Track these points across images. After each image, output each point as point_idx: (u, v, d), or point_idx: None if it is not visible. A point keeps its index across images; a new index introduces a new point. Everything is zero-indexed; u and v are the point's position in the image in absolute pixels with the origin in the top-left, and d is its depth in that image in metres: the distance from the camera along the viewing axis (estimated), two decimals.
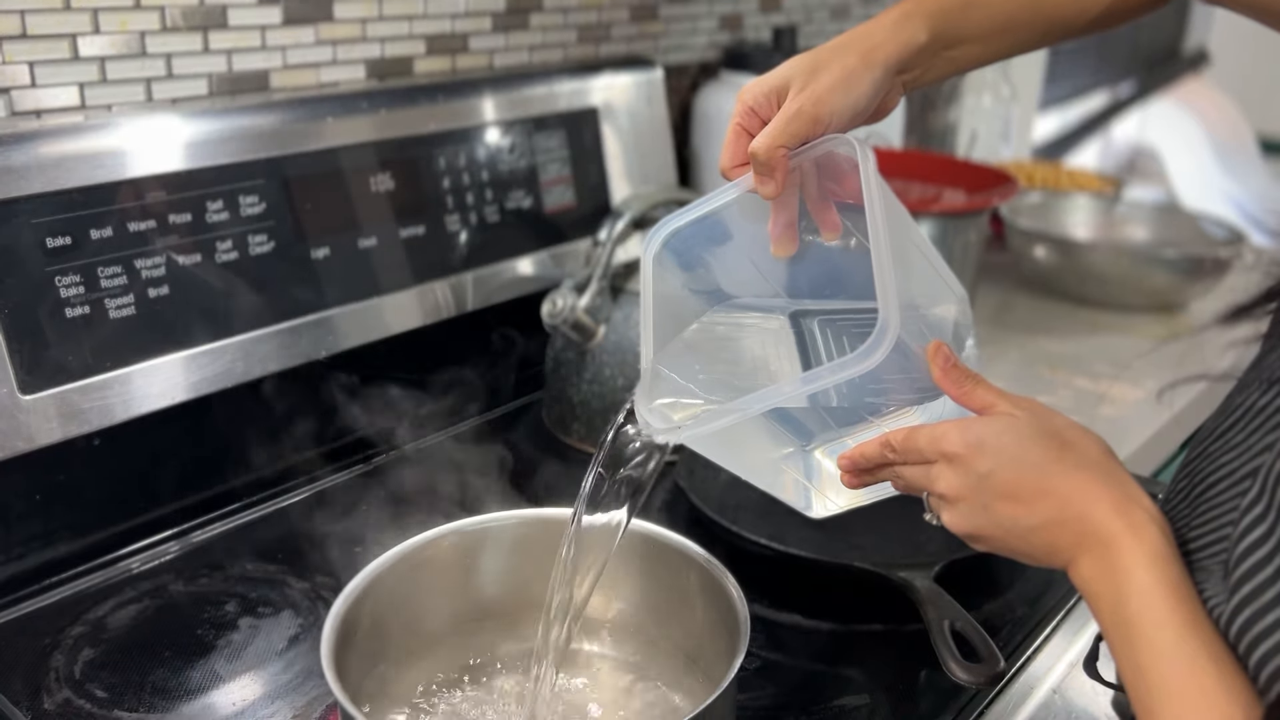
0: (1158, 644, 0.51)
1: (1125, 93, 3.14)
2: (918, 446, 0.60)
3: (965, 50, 0.73)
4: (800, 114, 0.67)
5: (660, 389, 0.69)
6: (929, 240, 0.74)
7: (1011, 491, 0.57)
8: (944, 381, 0.62)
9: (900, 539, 0.94)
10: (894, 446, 0.61)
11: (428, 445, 1.10)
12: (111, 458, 0.89)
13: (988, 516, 0.58)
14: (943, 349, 0.62)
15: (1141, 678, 0.51)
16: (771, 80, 0.69)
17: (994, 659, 0.71)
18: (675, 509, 0.98)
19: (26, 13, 0.84)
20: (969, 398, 0.62)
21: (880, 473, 0.64)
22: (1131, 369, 1.35)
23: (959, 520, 0.60)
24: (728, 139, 0.70)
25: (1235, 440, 0.57)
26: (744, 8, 1.51)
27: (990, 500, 0.58)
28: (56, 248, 0.82)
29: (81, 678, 0.76)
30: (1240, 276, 1.61)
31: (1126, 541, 0.54)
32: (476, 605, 0.76)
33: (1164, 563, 0.53)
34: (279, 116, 0.96)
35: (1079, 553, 0.56)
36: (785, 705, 0.75)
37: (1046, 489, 0.57)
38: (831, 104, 0.67)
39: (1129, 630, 0.52)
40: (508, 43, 1.21)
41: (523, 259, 1.15)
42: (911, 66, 0.71)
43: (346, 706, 0.58)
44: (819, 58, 0.69)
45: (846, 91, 0.68)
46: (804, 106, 0.67)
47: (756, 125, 0.69)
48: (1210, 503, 0.56)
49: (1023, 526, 0.57)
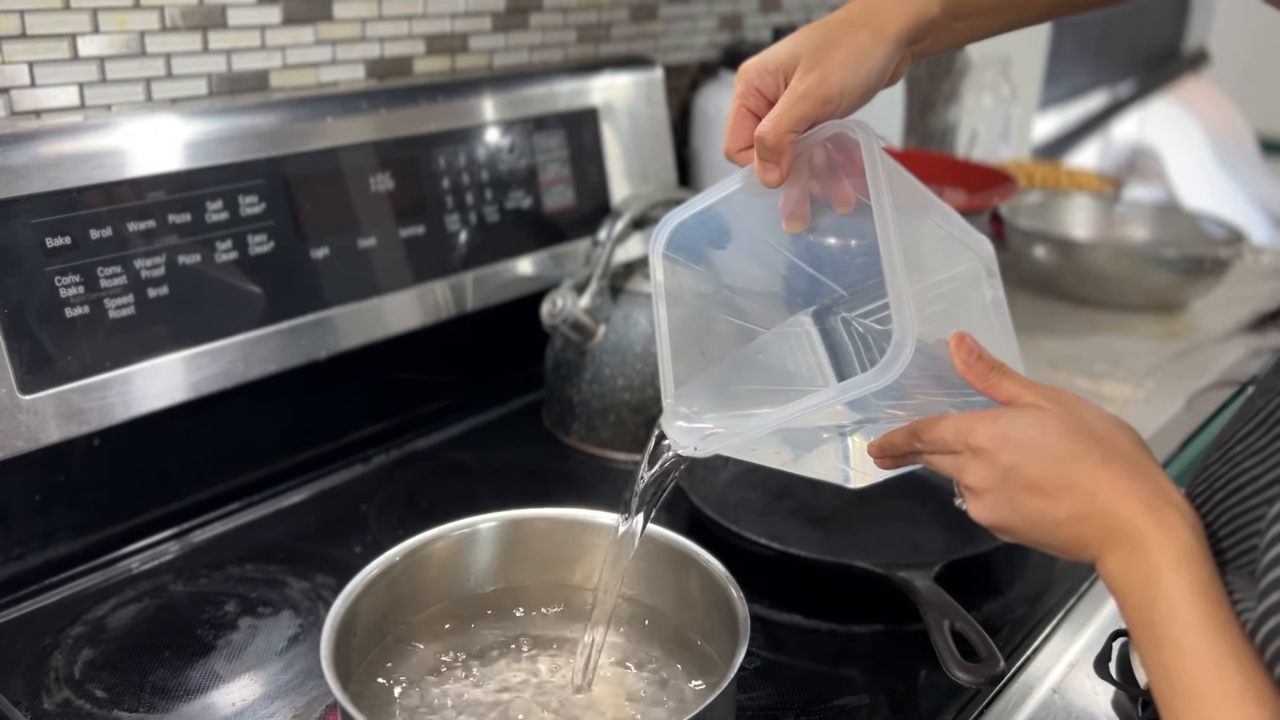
0: (1184, 645, 0.50)
1: (1125, 92, 3.14)
2: (943, 438, 0.59)
3: (977, 22, 0.71)
4: (809, 95, 0.63)
5: (690, 401, 0.68)
6: (947, 208, 0.72)
7: (1037, 485, 0.56)
8: (969, 374, 0.60)
9: (900, 539, 0.94)
10: (920, 436, 0.61)
11: (427, 445, 1.10)
12: (111, 458, 0.89)
13: (1013, 509, 0.57)
14: (966, 341, 0.60)
15: (1166, 678, 0.50)
16: (777, 57, 0.65)
17: (994, 659, 0.71)
18: (675, 509, 0.98)
19: (26, 13, 0.84)
20: (995, 390, 0.60)
21: (911, 457, 0.63)
22: (1132, 369, 1.35)
23: (985, 512, 0.59)
24: (731, 121, 0.67)
25: (1258, 445, 0.56)
26: (744, 8, 1.51)
27: (1016, 494, 0.57)
28: (56, 247, 0.82)
29: (81, 678, 0.76)
30: (1240, 276, 1.61)
31: (1156, 539, 0.52)
32: (477, 605, 0.76)
33: (1194, 562, 0.52)
34: (279, 116, 0.96)
35: (1106, 548, 0.54)
36: (785, 705, 0.75)
37: (1072, 483, 0.55)
38: (842, 83, 0.64)
39: (1156, 630, 0.51)
40: (507, 43, 1.21)
41: (522, 259, 1.15)
42: (921, 38, 0.68)
43: (346, 707, 0.58)
44: (827, 33, 0.65)
45: (857, 69, 0.64)
46: (812, 87, 0.63)
47: (762, 105, 0.66)
48: (1235, 509, 0.55)
49: (1049, 521, 0.56)
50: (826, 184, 0.68)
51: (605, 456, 1.08)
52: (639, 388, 1.06)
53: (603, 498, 1.02)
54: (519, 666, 0.73)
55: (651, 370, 1.05)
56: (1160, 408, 1.25)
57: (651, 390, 1.05)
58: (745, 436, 0.64)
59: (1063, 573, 0.90)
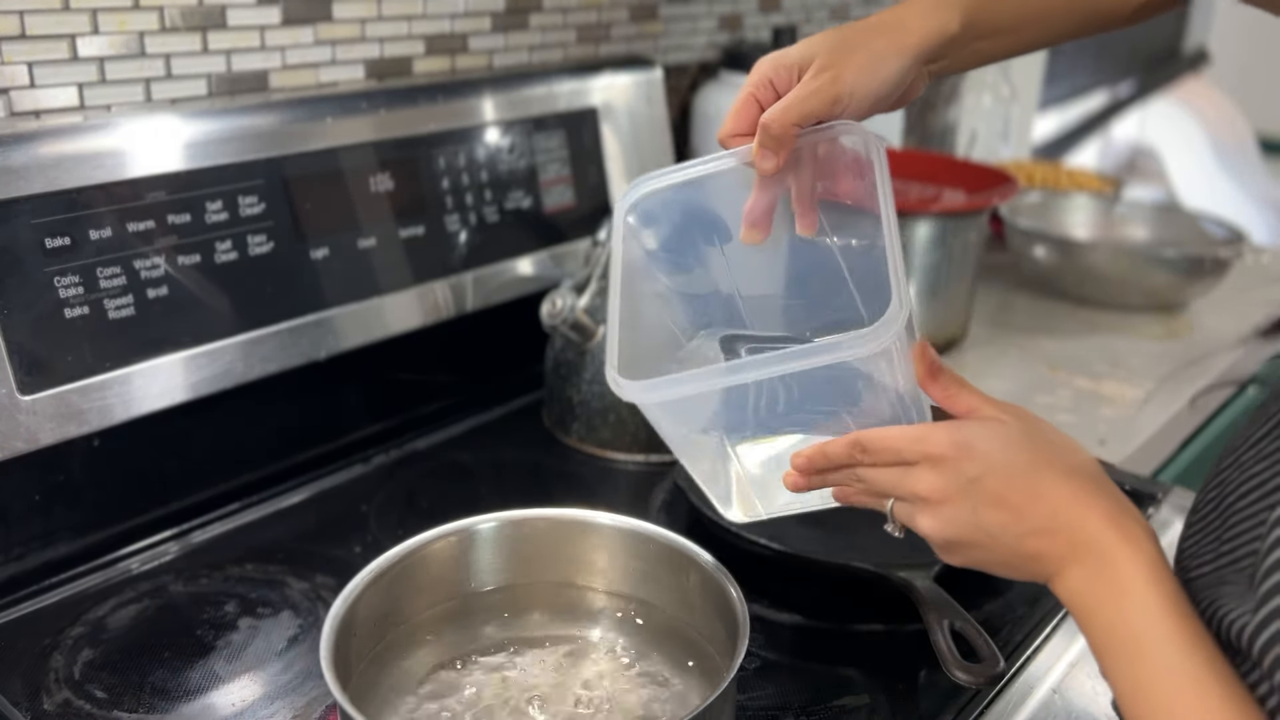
0: (1161, 660, 0.49)
1: (1125, 92, 3.14)
2: (895, 447, 0.58)
3: (997, 41, 0.71)
4: (819, 92, 0.64)
5: None
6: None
7: (1001, 497, 0.55)
8: (928, 382, 0.59)
9: (900, 539, 0.94)
10: (865, 446, 0.58)
11: (427, 445, 1.10)
12: (111, 458, 0.89)
13: (974, 522, 0.56)
14: (928, 350, 0.59)
15: (1140, 695, 0.50)
16: (794, 54, 0.66)
17: (994, 659, 0.71)
18: (675, 509, 0.98)
19: (26, 13, 0.84)
20: (954, 400, 0.59)
21: (835, 475, 0.61)
22: (1132, 369, 1.35)
23: (940, 526, 0.57)
24: (735, 106, 0.67)
25: (1268, 449, 0.55)
26: (743, 8, 1.51)
27: (979, 505, 0.55)
28: (56, 248, 0.82)
29: (81, 678, 0.76)
30: (1241, 276, 1.61)
31: (1123, 552, 0.52)
32: (477, 605, 0.76)
33: (1163, 576, 0.52)
34: (278, 116, 0.96)
35: (1068, 563, 0.54)
36: (785, 705, 0.75)
37: (1038, 495, 0.54)
38: (853, 85, 0.65)
39: (1128, 645, 0.51)
40: (507, 43, 1.21)
41: (522, 259, 1.15)
42: (940, 56, 0.69)
43: (346, 707, 0.58)
44: (846, 37, 0.66)
45: (871, 75, 0.65)
46: (824, 85, 0.64)
47: (770, 98, 0.66)
48: (1242, 513, 0.55)
49: (1010, 535, 0.55)
50: (803, 201, 0.68)
51: (605, 456, 1.08)
52: None
53: (603, 498, 1.02)
54: (519, 667, 0.73)
55: None
56: (1160, 408, 1.25)
57: None
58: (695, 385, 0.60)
59: None
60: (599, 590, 0.77)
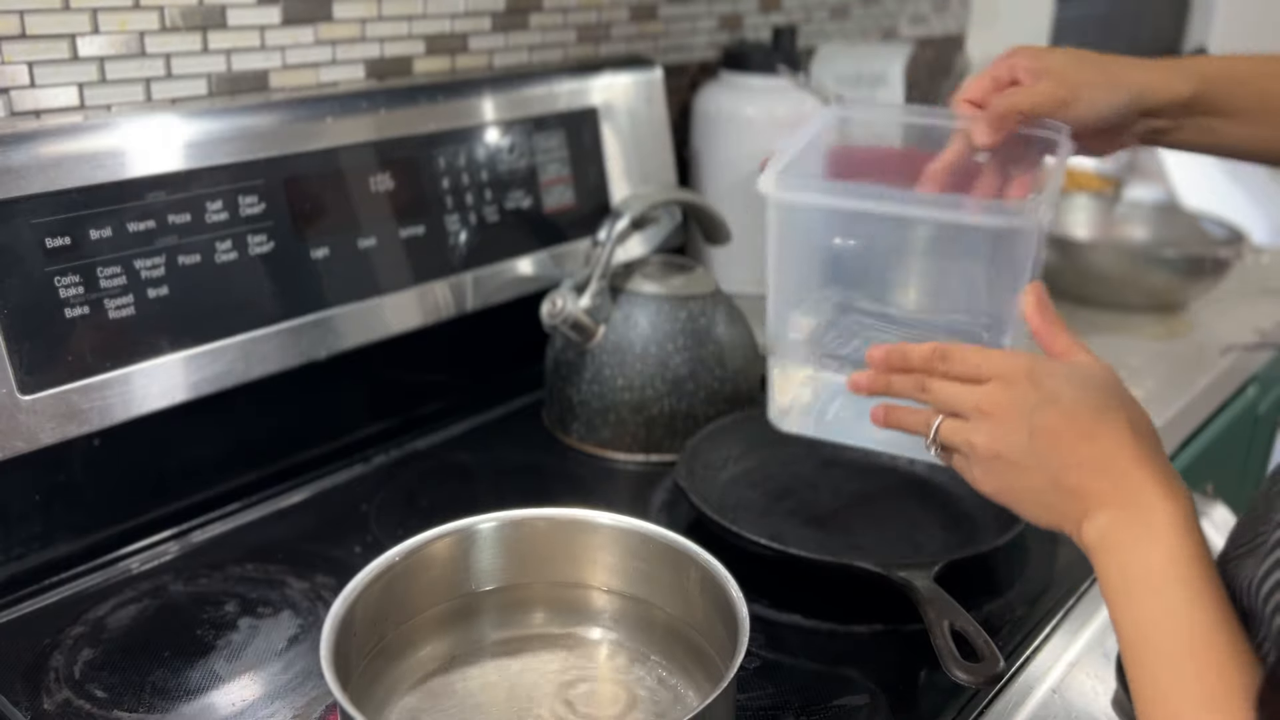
0: (1171, 601, 0.51)
1: None
2: (975, 360, 0.61)
3: (1227, 124, 0.76)
4: (1053, 95, 0.73)
5: None
6: None
7: (1058, 428, 0.58)
8: (1035, 315, 0.64)
9: (900, 539, 0.94)
10: (946, 354, 0.62)
11: (427, 445, 1.10)
12: (111, 458, 0.89)
13: (1025, 444, 0.58)
14: (1039, 289, 0.65)
15: (1142, 636, 0.52)
16: (1044, 60, 0.75)
17: (994, 659, 0.71)
18: (675, 509, 0.98)
19: (26, 13, 0.84)
20: (1053, 337, 0.63)
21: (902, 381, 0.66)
22: (1132, 369, 1.35)
23: (990, 441, 0.60)
24: (980, 77, 0.76)
25: None
26: (744, 8, 1.51)
27: (1036, 428, 0.58)
28: (56, 248, 0.82)
29: (81, 678, 0.76)
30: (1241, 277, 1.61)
31: (1165, 506, 0.54)
32: (477, 605, 0.76)
33: (1195, 538, 0.54)
34: (278, 116, 0.96)
35: (1104, 505, 0.56)
36: (785, 705, 0.75)
37: (1095, 435, 0.57)
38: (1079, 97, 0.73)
39: (1142, 582, 0.53)
40: (507, 43, 1.21)
41: (522, 259, 1.15)
42: (1162, 114, 0.76)
43: (346, 707, 0.58)
44: (1086, 56, 0.75)
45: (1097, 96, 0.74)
46: (1057, 90, 0.73)
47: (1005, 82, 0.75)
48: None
49: (1056, 464, 0.57)
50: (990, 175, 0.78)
51: (605, 456, 1.08)
52: (639, 388, 1.06)
53: (603, 498, 1.02)
54: (519, 667, 0.73)
55: (651, 370, 1.05)
56: (1160, 408, 1.25)
57: (651, 390, 1.05)
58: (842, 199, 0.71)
59: (1062, 573, 0.90)
60: (599, 590, 0.77)
